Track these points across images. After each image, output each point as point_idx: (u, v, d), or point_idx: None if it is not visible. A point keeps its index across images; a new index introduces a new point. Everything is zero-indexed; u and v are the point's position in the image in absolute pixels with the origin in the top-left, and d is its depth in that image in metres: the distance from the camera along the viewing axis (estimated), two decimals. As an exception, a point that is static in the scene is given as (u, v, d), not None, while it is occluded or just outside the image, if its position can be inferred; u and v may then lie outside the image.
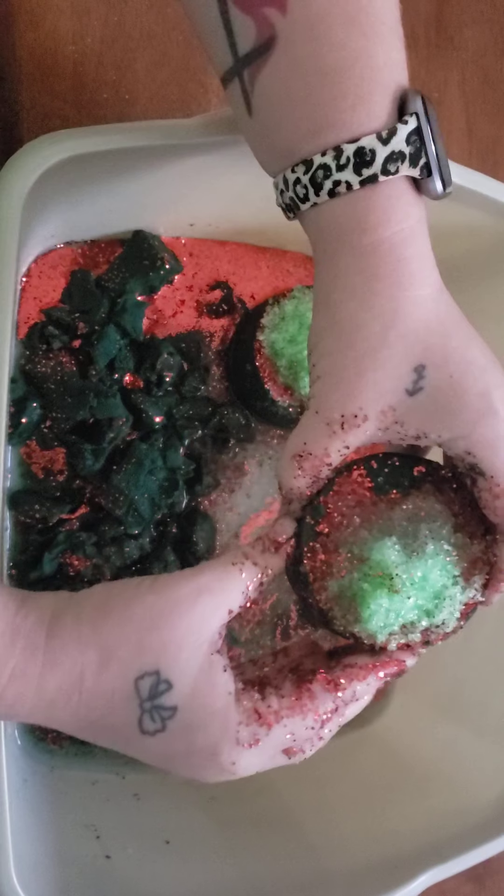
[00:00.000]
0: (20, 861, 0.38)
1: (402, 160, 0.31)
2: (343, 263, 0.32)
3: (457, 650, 0.58)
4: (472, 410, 0.34)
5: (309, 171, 0.31)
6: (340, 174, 0.31)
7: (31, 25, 0.51)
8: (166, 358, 0.53)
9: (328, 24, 0.30)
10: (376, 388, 0.33)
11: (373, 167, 0.31)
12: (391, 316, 0.33)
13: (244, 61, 0.31)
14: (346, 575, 0.36)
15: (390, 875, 0.45)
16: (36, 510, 0.50)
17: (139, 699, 0.33)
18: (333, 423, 0.34)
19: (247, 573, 0.35)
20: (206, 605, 0.34)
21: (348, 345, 0.33)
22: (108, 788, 0.50)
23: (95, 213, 0.50)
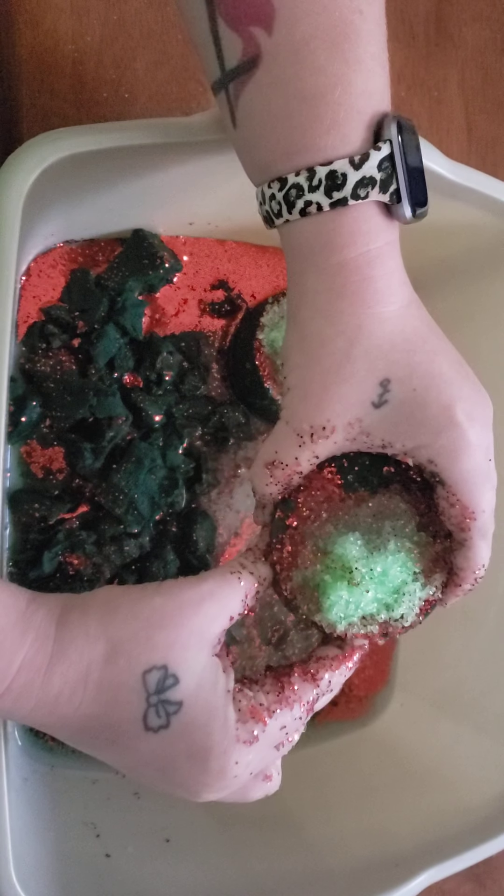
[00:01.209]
0: (20, 860, 0.38)
1: (372, 185, 0.32)
2: (310, 282, 0.34)
3: (457, 650, 0.58)
4: (435, 422, 0.35)
5: (283, 189, 0.32)
6: (312, 195, 0.32)
7: (31, 24, 0.51)
8: (166, 357, 0.53)
9: (312, 48, 0.31)
10: (342, 402, 0.35)
11: (343, 191, 0.32)
12: (355, 333, 0.34)
13: (230, 75, 0.32)
14: (310, 567, 0.38)
15: (390, 874, 0.45)
16: (36, 509, 0.50)
17: (146, 692, 0.33)
18: (303, 434, 0.35)
19: (245, 582, 0.37)
20: (209, 609, 0.35)
21: (315, 360, 0.34)
22: (108, 787, 0.50)
23: (95, 211, 0.50)
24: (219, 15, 0.31)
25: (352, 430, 0.35)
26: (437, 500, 0.38)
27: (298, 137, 0.32)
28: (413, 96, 0.64)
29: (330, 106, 0.31)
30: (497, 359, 0.56)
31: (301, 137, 0.32)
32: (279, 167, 0.32)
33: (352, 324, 0.34)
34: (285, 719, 0.36)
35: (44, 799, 0.47)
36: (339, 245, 0.33)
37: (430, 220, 0.51)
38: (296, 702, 0.37)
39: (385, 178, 0.32)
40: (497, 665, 0.56)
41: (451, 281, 0.58)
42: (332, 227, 0.33)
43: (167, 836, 0.48)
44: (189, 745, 0.34)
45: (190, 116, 0.41)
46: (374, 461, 0.39)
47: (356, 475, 0.39)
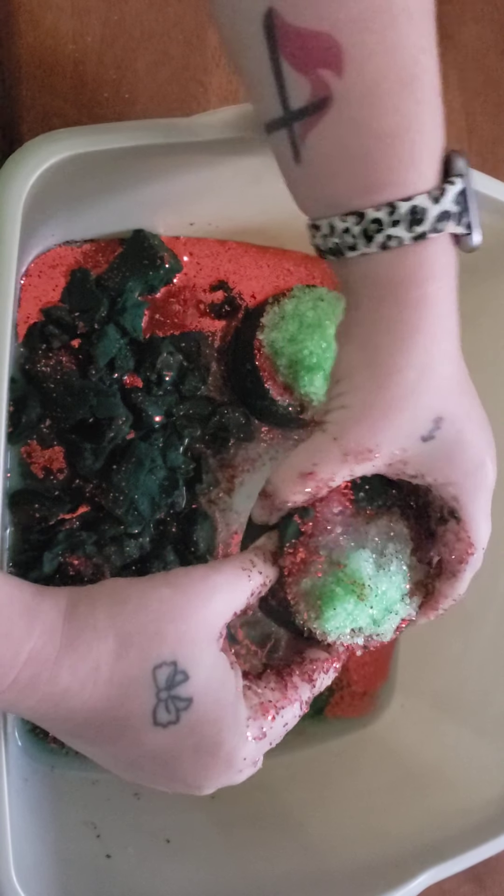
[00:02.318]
0: (20, 860, 0.38)
1: (448, 219, 0.34)
2: (388, 312, 0.35)
3: (457, 650, 0.58)
4: (470, 464, 0.38)
5: (360, 223, 0.33)
6: (393, 229, 0.33)
7: (32, 24, 0.51)
8: (166, 357, 0.53)
9: (384, 88, 0.31)
10: (397, 431, 0.36)
11: (424, 225, 0.33)
12: (425, 367, 0.35)
13: (296, 115, 0.33)
14: (322, 576, 0.39)
15: (390, 874, 0.45)
16: (36, 509, 0.50)
17: (156, 688, 0.34)
18: (349, 454, 0.36)
19: (254, 579, 0.37)
20: (218, 602, 0.36)
21: (383, 386, 0.35)
22: (108, 788, 0.50)
23: (95, 212, 0.50)
24: (283, 57, 0.32)
25: (394, 458, 0.37)
26: (443, 534, 0.40)
27: (378, 175, 0.33)
28: (413, 97, 0.64)
29: (406, 144, 0.32)
30: (498, 359, 0.56)
31: (381, 175, 0.33)
32: (357, 202, 0.33)
33: (424, 358, 0.35)
34: (288, 716, 0.38)
35: (44, 799, 0.47)
36: (419, 278, 0.34)
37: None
38: (297, 700, 0.38)
39: (460, 211, 0.34)
40: (497, 666, 0.56)
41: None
42: (414, 261, 0.34)
43: (167, 836, 0.48)
44: (198, 740, 0.35)
45: (191, 117, 0.41)
46: (381, 482, 0.40)
47: (366, 493, 0.40)
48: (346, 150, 0.32)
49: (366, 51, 0.31)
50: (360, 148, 0.32)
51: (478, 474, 0.38)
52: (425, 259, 0.34)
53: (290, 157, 0.34)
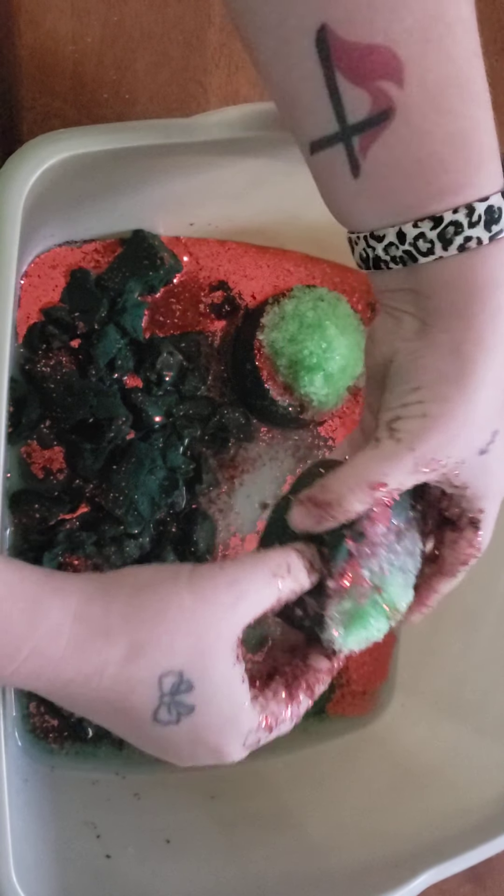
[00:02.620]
0: (20, 861, 0.38)
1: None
2: (479, 319, 0.34)
3: (457, 650, 0.58)
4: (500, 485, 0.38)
5: (437, 227, 0.33)
6: (472, 230, 0.33)
7: (31, 25, 0.51)
8: (166, 357, 0.53)
9: (447, 95, 0.32)
10: (467, 443, 0.36)
11: (500, 223, 0.33)
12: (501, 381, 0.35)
13: (354, 129, 0.32)
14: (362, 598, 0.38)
15: (390, 874, 0.45)
16: (36, 510, 0.50)
17: (160, 692, 0.34)
18: (423, 465, 0.35)
19: (285, 588, 0.36)
20: (240, 612, 0.35)
21: (470, 400, 0.35)
22: (108, 788, 0.50)
23: (95, 212, 0.50)
24: (338, 71, 0.31)
25: (453, 469, 0.36)
26: (457, 539, 0.40)
27: (452, 178, 0.33)
28: (413, 97, 0.64)
29: (474, 146, 0.32)
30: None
31: (455, 178, 0.33)
32: (432, 207, 0.33)
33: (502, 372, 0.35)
34: (284, 728, 0.38)
35: (44, 799, 0.47)
36: (502, 280, 0.34)
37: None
38: (297, 715, 0.38)
39: None
40: (497, 665, 0.56)
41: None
42: (495, 262, 0.34)
43: (167, 836, 0.48)
44: (195, 740, 0.35)
45: (190, 117, 0.41)
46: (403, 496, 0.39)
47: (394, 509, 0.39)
48: (416, 158, 0.32)
49: (426, 60, 0.31)
50: (431, 154, 0.32)
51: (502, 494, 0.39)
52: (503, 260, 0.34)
53: (347, 172, 0.33)
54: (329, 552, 0.37)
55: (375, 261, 0.35)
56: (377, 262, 0.35)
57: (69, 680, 0.33)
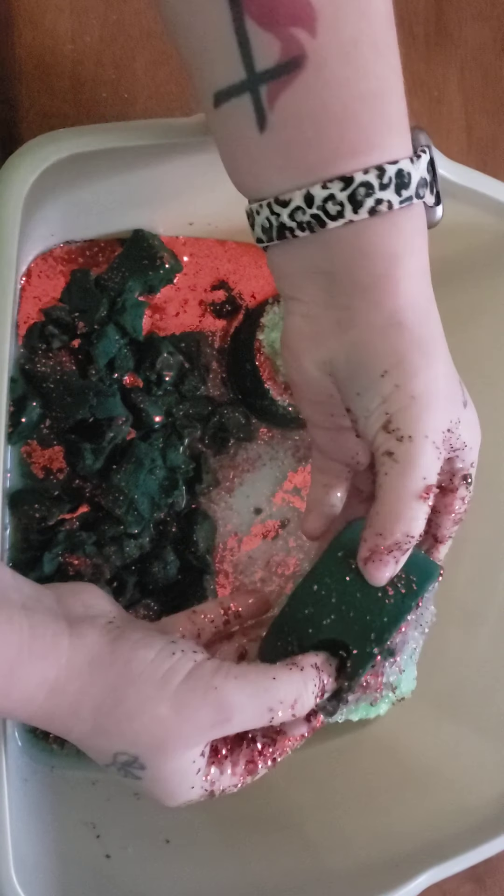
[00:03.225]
0: (20, 860, 0.38)
1: (425, 186, 0.33)
2: (406, 284, 0.34)
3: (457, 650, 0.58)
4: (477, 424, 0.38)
5: (347, 188, 0.32)
6: (383, 193, 0.32)
7: (31, 24, 0.51)
8: (166, 357, 0.53)
9: (360, 51, 0.31)
10: (457, 398, 0.36)
11: (410, 189, 0.32)
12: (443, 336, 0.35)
13: (262, 77, 0.31)
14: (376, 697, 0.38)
15: (391, 874, 0.45)
16: (36, 510, 0.50)
17: (113, 761, 0.34)
18: (441, 444, 0.35)
19: (279, 719, 0.35)
20: (214, 732, 0.34)
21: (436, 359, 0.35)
22: (108, 788, 0.50)
23: (95, 212, 0.50)
24: (247, 14, 0.30)
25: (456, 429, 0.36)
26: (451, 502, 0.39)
27: (364, 137, 0.32)
28: (413, 96, 0.64)
29: (388, 107, 0.32)
30: (497, 359, 0.56)
31: (367, 137, 0.32)
32: (342, 166, 0.32)
33: (440, 327, 0.35)
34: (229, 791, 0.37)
35: (44, 800, 0.46)
36: (417, 247, 0.34)
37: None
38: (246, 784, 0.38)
39: (431, 181, 0.34)
40: (497, 665, 0.56)
41: (452, 281, 0.58)
42: (410, 228, 0.33)
43: (167, 836, 0.48)
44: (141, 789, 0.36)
45: (190, 116, 0.41)
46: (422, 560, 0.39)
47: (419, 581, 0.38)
48: (327, 112, 0.31)
49: (339, 12, 0.30)
50: (343, 110, 0.31)
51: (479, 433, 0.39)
52: (418, 226, 0.33)
53: (253, 125, 0.32)
54: (353, 668, 0.36)
55: (280, 229, 0.34)
56: (282, 231, 0.34)
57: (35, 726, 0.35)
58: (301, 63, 0.30)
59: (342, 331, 0.35)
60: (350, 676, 0.36)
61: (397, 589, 0.36)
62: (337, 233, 0.33)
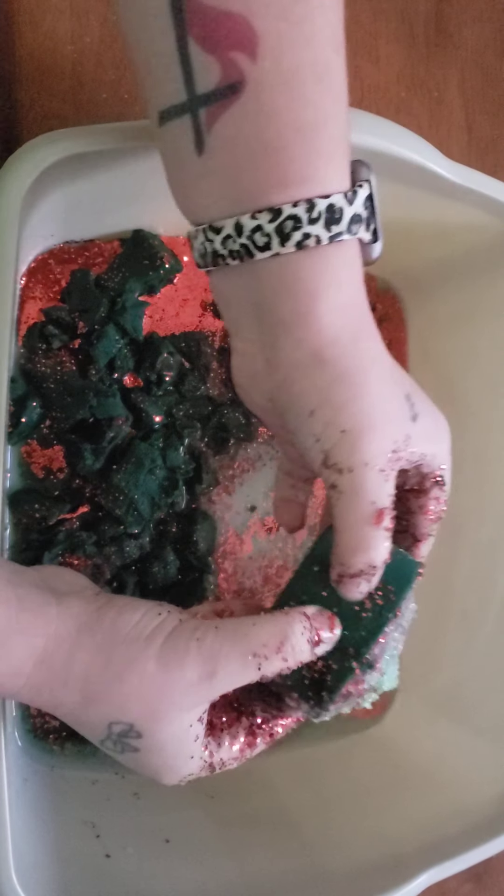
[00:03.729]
0: (20, 860, 0.38)
1: (359, 222, 0.33)
2: (328, 319, 0.33)
3: (457, 650, 0.58)
4: (444, 425, 0.38)
5: (275, 220, 0.31)
6: (311, 227, 0.31)
7: (31, 25, 0.51)
8: (166, 357, 0.53)
9: (301, 79, 0.30)
10: (396, 421, 0.35)
11: (340, 225, 0.32)
12: (380, 358, 0.35)
13: (202, 100, 0.31)
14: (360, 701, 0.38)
15: (390, 874, 0.45)
16: (36, 509, 0.50)
17: (109, 732, 0.34)
18: (384, 468, 0.34)
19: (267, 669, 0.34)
20: (204, 689, 0.34)
21: (364, 390, 0.34)
22: (107, 788, 0.50)
23: (95, 212, 0.50)
24: (191, 36, 0.30)
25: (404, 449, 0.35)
26: (424, 503, 0.39)
27: (296, 168, 0.31)
28: (413, 97, 0.64)
29: (325, 140, 0.31)
30: (497, 359, 0.56)
31: (299, 169, 0.31)
32: (271, 198, 0.31)
33: (375, 351, 0.35)
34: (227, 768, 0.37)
35: (44, 799, 0.47)
36: (345, 280, 0.33)
37: (430, 221, 0.51)
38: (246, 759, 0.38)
39: (367, 217, 0.33)
40: (497, 666, 0.56)
41: (451, 281, 0.58)
42: (336, 263, 0.33)
43: (167, 836, 0.48)
44: (136, 766, 0.36)
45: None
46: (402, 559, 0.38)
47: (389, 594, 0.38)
48: (261, 140, 0.30)
49: (282, 39, 0.29)
50: (277, 138, 0.30)
51: (448, 435, 0.38)
52: (346, 261, 0.33)
53: (191, 147, 0.31)
54: (332, 681, 0.36)
55: (213, 256, 0.33)
56: (215, 258, 0.33)
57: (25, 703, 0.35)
58: (239, 88, 0.30)
59: (271, 371, 0.35)
60: (330, 689, 0.36)
61: (374, 601, 0.36)
62: (264, 264, 0.33)
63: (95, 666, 0.33)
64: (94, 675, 0.33)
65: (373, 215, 0.34)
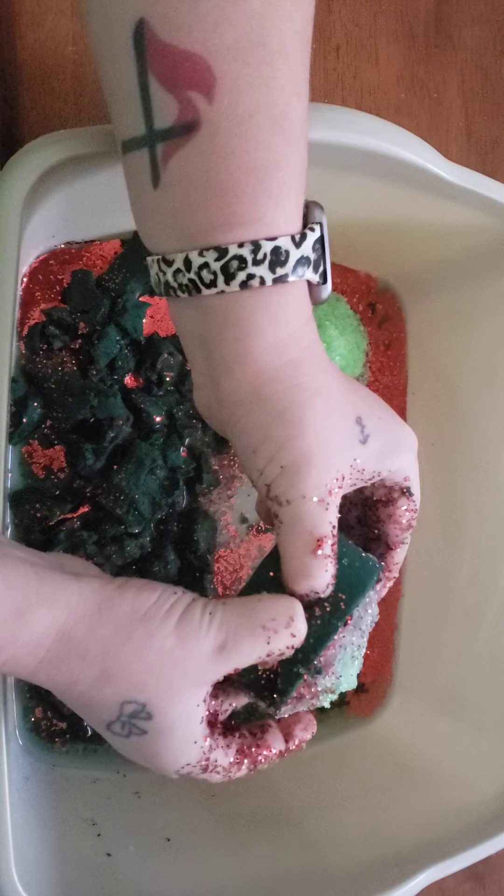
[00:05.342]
0: (21, 859, 0.38)
1: (307, 265, 0.33)
2: (266, 358, 0.34)
3: (457, 649, 0.58)
4: (405, 439, 0.39)
5: (221, 259, 0.32)
6: (255, 268, 0.32)
7: (32, 26, 0.51)
8: (167, 357, 0.53)
9: (256, 122, 0.30)
10: (343, 447, 0.36)
11: (285, 267, 0.32)
12: (323, 389, 0.35)
13: (159, 136, 0.31)
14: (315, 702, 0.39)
15: (390, 873, 0.45)
16: (37, 509, 0.50)
17: (119, 713, 0.35)
18: (325, 498, 0.35)
19: (275, 645, 0.35)
20: (217, 664, 0.35)
21: (303, 425, 0.34)
22: (109, 786, 0.50)
23: (95, 212, 0.50)
24: (151, 72, 0.30)
25: (354, 472, 0.36)
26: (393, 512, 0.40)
27: (244, 210, 0.32)
28: (412, 98, 0.64)
29: (274, 182, 0.31)
30: (496, 358, 0.57)
31: (247, 210, 0.32)
32: (219, 237, 0.32)
33: (318, 382, 0.35)
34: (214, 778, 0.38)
35: (45, 798, 0.47)
36: (284, 320, 0.34)
37: (429, 222, 0.51)
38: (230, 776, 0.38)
39: (316, 259, 0.34)
40: (497, 665, 0.56)
41: (451, 282, 0.58)
42: (277, 303, 0.33)
43: (168, 835, 0.48)
44: (138, 754, 0.36)
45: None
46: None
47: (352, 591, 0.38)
48: (212, 180, 0.31)
49: (240, 81, 0.30)
50: (228, 179, 0.31)
51: (412, 446, 0.39)
52: (288, 301, 0.34)
53: (148, 180, 0.32)
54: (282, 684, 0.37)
55: (166, 286, 0.34)
56: (167, 289, 0.34)
57: (39, 682, 0.35)
58: (194, 127, 0.30)
59: (219, 408, 0.36)
60: (280, 692, 0.37)
61: (324, 609, 0.37)
62: (210, 301, 0.33)
63: (115, 642, 0.34)
64: (113, 651, 0.34)
65: (322, 258, 0.34)
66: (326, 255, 0.35)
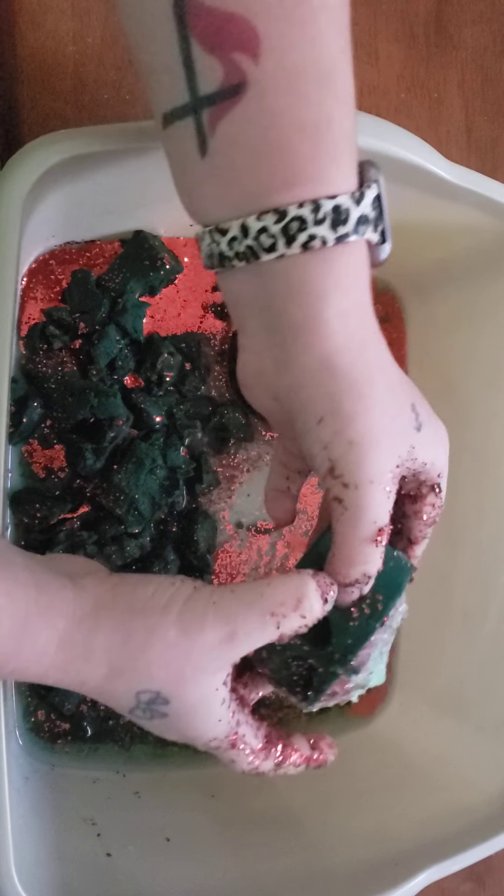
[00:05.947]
0: (21, 859, 0.38)
1: (367, 223, 0.32)
2: (336, 324, 0.33)
3: (457, 650, 0.58)
4: (444, 438, 0.38)
5: (281, 221, 0.31)
6: (316, 228, 0.31)
7: (32, 26, 0.51)
8: (166, 357, 0.53)
9: (304, 80, 0.30)
10: (403, 431, 0.35)
11: (347, 226, 0.32)
12: (386, 368, 0.35)
13: (204, 101, 0.30)
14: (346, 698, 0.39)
15: (390, 873, 0.45)
16: (37, 509, 0.50)
17: (137, 701, 0.35)
18: (388, 483, 0.35)
19: (285, 627, 0.35)
20: (226, 650, 0.34)
21: (371, 404, 0.34)
22: (108, 786, 0.50)
23: (96, 213, 0.50)
24: (193, 37, 0.30)
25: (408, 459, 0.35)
26: (420, 508, 0.39)
27: (301, 169, 0.31)
28: (413, 97, 0.64)
29: (328, 139, 0.31)
30: (496, 359, 0.57)
31: (304, 169, 0.31)
32: (276, 198, 0.31)
33: (381, 362, 0.35)
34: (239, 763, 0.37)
35: (45, 798, 0.47)
36: (348, 285, 0.33)
37: (430, 222, 0.51)
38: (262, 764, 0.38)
39: (375, 218, 0.33)
40: (497, 665, 0.56)
41: (451, 282, 0.58)
42: (341, 265, 0.32)
43: (167, 835, 0.48)
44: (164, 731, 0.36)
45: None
46: None
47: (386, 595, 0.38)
48: (264, 141, 0.30)
49: (284, 40, 0.29)
50: (280, 138, 0.30)
51: (447, 442, 0.38)
52: (352, 263, 0.33)
53: (195, 149, 0.31)
54: (318, 683, 0.37)
55: (220, 258, 0.33)
56: (222, 260, 0.33)
57: (52, 684, 0.35)
58: (242, 89, 0.30)
59: (280, 373, 0.35)
60: (316, 689, 0.37)
61: (362, 610, 0.37)
62: (271, 266, 0.33)
63: (116, 640, 0.34)
64: (116, 649, 0.34)
65: (381, 216, 0.33)
66: (385, 214, 0.34)
